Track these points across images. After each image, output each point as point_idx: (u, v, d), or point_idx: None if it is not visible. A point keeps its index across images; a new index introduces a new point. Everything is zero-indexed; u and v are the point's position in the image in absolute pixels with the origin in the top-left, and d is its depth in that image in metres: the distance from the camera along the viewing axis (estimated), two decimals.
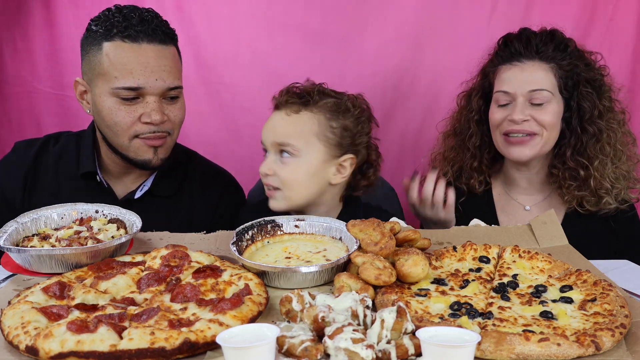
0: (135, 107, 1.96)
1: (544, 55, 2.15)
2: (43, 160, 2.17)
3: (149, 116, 1.95)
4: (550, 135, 2.16)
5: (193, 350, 1.21)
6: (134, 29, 1.91)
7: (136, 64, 1.91)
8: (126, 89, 1.92)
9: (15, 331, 1.24)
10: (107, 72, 1.93)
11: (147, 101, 1.96)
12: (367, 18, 3.03)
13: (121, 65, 1.91)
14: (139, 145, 2.01)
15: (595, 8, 3.02)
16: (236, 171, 2.49)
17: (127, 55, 1.91)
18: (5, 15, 2.95)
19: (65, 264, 1.59)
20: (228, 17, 3.02)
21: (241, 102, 3.05)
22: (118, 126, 1.97)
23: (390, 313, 1.22)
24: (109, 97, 1.95)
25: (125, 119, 1.96)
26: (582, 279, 1.51)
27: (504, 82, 2.17)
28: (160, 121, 1.97)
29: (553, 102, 2.14)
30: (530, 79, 2.13)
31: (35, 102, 3.05)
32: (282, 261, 1.64)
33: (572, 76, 2.15)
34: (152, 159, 2.04)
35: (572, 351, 1.19)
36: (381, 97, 3.12)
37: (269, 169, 2.03)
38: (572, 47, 2.19)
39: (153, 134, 1.99)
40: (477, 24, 3.03)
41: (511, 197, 2.32)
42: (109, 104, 1.95)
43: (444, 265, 1.63)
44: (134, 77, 1.92)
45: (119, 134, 1.99)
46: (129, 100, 1.94)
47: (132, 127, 1.97)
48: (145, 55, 1.92)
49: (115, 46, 1.92)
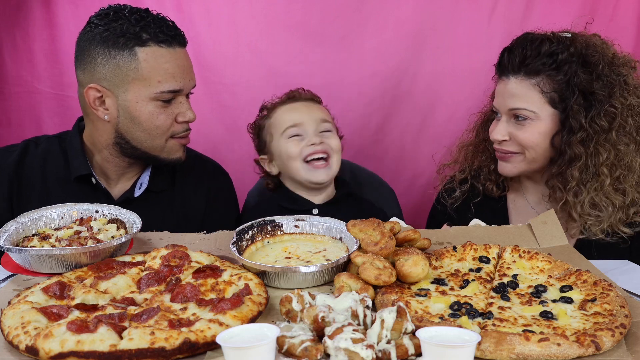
0: (171, 109, 2.03)
1: (530, 68, 1.98)
2: (27, 165, 2.12)
3: (184, 115, 2.05)
4: (537, 154, 2.03)
5: (193, 350, 1.21)
6: (167, 34, 1.99)
7: (176, 68, 2.00)
8: (169, 92, 1.99)
9: (15, 331, 1.25)
10: (147, 77, 1.96)
11: (179, 101, 2.04)
12: (367, 18, 3.03)
13: (163, 70, 1.97)
14: (172, 145, 2.08)
15: (595, 8, 3.02)
16: (236, 171, 2.50)
17: (167, 60, 1.98)
18: (5, 15, 2.94)
19: (65, 264, 1.59)
20: (228, 17, 3.02)
21: (241, 102, 3.06)
22: (159, 129, 2.02)
23: (390, 313, 1.22)
24: (149, 101, 1.98)
25: (165, 122, 2.02)
26: (582, 279, 1.51)
27: (495, 97, 2.10)
28: (195, 118, 2.08)
29: (537, 121, 1.99)
30: (512, 96, 2.01)
31: (35, 102, 3.05)
32: (282, 261, 1.64)
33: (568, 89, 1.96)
34: (182, 156, 2.13)
35: (572, 351, 1.19)
36: (381, 97, 3.12)
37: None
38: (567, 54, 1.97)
39: (186, 132, 2.09)
40: (477, 24, 3.03)
41: (528, 203, 2.21)
42: (149, 108, 1.99)
43: (444, 265, 1.63)
44: (176, 80, 2.00)
45: (157, 137, 2.04)
46: (167, 102, 2.01)
47: (170, 129, 2.05)
48: (180, 59, 2.03)
49: (153, 52, 1.96)
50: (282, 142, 2.24)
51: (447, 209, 2.29)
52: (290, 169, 2.25)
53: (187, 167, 2.27)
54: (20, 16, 2.96)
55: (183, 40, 2.05)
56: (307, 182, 2.24)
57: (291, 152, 2.21)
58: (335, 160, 2.24)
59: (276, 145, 2.27)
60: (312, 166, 2.21)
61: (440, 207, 2.33)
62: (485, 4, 3.02)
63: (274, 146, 2.28)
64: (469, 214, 2.17)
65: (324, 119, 2.26)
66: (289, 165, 2.24)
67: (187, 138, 2.12)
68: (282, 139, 2.24)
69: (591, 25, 3.03)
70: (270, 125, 2.30)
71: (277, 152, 2.28)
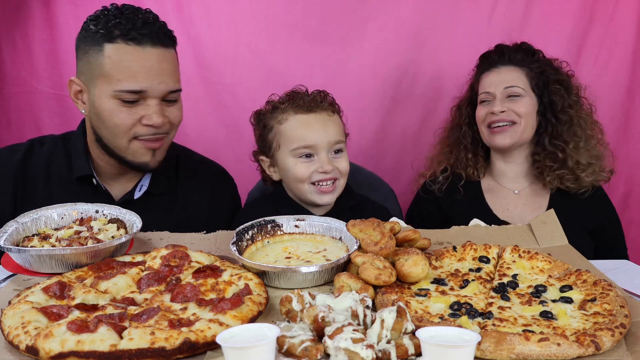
0: (137, 109, 1.95)
1: (515, 61, 2.53)
2: (31, 165, 2.13)
3: (150, 119, 1.95)
4: (527, 124, 2.48)
5: (193, 350, 1.21)
6: (138, 31, 1.90)
7: (140, 68, 1.91)
8: (129, 92, 1.92)
9: (16, 331, 1.25)
10: (109, 74, 1.92)
11: (148, 104, 1.95)
12: (367, 18, 3.03)
13: (125, 68, 1.90)
14: (137, 147, 2.01)
15: (595, 8, 3.02)
16: (236, 171, 2.49)
17: (131, 58, 1.90)
18: (5, 15, 2.94)
19: (65, 264, 1.59)
20: (228, 17, 3.02)
21: (241, 102, 3.05)
22: (118, 128, 1.96)
23: (390, 313, 1.22)
24: (110, 99, 1.93)
25: (125, 121, 1.95)
26: (582, 279, 1.51)
27: (485, 85, 2.55)
28: (162, 124, 1.97)
29: (526, 97, 2.48)
30: (506, 79, 2.51)
31: (35, 102, 3.05)
32: (282, 261, 1.64)
33: (542, 77, 2.50)
34: (150, 162, 2.04)
35: (572, 351, 1.19)
36: (381, 97, 3.12)
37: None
38: (540, 56, 2.57)
39: (153, 135, 1.99)
40: (477, 24, 3.03)
41: (500, 185, 2.62)
42: (109, 105, 1.94)
43: (444, 265, 1.63)
44: (137, 80, 1.91)
45: (118, 136, 1.98)
46: (130, 103, 1.94)
47: (132, 129, 1.97)
48: (149, 59, 1.92)
49: (118, 48, 1.91)
50: (290, 159, 2.14)
51: (434, 194, 2.61)
52: (295, 188, 2.19)
53: (192, 171, 2.26)
54: (20, 16, 2.96)
55: (161, 40, 1.95)
56: (310, 203, 2.19)
57: (300, 175, 2.13)
58: (342, 183, 2.19)
59: (283, 158, 2.17)
60: (318, 190, 2.14)
61: (427, 195, 2.64)
62: (485, 4, 3.02)
63: (280, 157, 2.18)
64: (457, 195, 2.57)
65: (339, 139, 2.16)
66: (294, 184, 2.18)
67: (156, 142, 2.01)
68: (290, 156, 2.14)
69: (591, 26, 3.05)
70: (280, 134, 2.17)
71: (283, 164, 2.18)
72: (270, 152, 2.23)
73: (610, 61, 3.07)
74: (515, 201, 2.55)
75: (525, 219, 2.39)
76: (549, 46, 2.65)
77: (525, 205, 2.53)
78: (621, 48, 3.05)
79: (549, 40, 2.98)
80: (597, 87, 2.97)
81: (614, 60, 3.07)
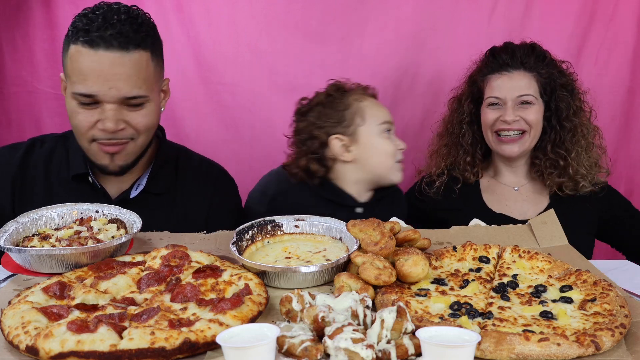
0: (94, 112, 1.93)
1: (527, 65, 2.48)
2: (31, 163, 2.13)
3: (103, 123, 1.92)
4: (536, 133, 2.49)
5: (193, 350, 1.21)
6: (92, 34, 1.86)
7: (90, 72, 1.87)
8: (81, 95, 1.91)
9: (16, 331, 1.25)
10: (69, 75, 1.93)
11: (104, 107, 1.91)
12: (367, 18, 3.02)
13: (78, 70, 1.88)
14: (96, 150, 2.00)
15: (595, 8, 3.01)
16: (236, 171, 2.49)
17: (84, 61, 1.87)
18: (5, 15, 2.94)
19: (65, 264, 1.59)
20: (228, 17, 3.02)
21: (241, 102, 3.05)
22: (77, 128, 1.97)
23: (390, 313, 1.22)
24: (71, 99, 1.94)
25: (82, 122, 1.94)
26: (582, 279, 1.51)
27: (495, 89, 2.50)
28: (114, 129, 1.93)
29: (536, 105, 2.47)
30: (519, 86, 2.47)
31: (35, 102, 3.05)
32: (282, 261, 1.64)
33: (550, 82, 2.49)
34: (109, 165, 2.02)
35: (572, 351, 1.19)
36: (381, 97, 3.09)
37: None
38: (549, 58, 2.53)
39: (109, 140, 1.96)
40: (477, 24, 3.03)
41: (499, 182, 2.62)
42: (71, 105, 1.95)
43: (444, 265, 1.63)
44: (87, 84, 1.88)
45: (79, 136, 2.00)
46: (87, 105, 1.92)
47: (90, 131, 1.96)
48: (99, 62, 1.86)
49: (76, 51, 1.88)
50: (376, 134, 2.24)
51: (430, 197, 2.60)
52: (378, 164, 2.25)
53: (192, 171, 2.26)
54: (20, 16, 2.96)
55: (119, 44, 1.86)
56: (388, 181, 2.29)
57: (388, 149, 2.24)
58: None
59: (367, 133, 2.23)
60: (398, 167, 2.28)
61: (422, 197, 2.64)
62: (485, 4, 3.02)
63: (363, 132, 2.23)
64: (453, 195, 2.57)
65: None
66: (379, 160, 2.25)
67: (113, 147, 1.97)
68: (376, 130, 2.24)
69: (591, 26, 3.05)
70: (363, 110, 2.25)
71: (366, 140, 2.23)
72: (350, 128, 2.25)
73: (610, 61, 3.07)
74: (515, 197, 2.56)
75: (526, 214, 2.45)
76: (549, 46, 2.64)
77: (525, 200, 2.54)
78: (621, 48, 3.05)
79: (549, 40, 2.97)
80: (597, 87, 2.97)
81: (614, 60, 3.07)
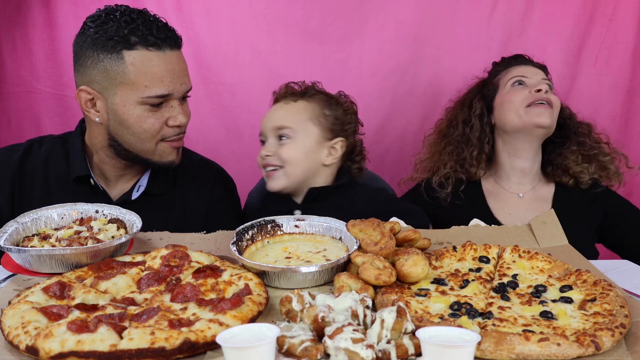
0: (161, 112, 1.99)
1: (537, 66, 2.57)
2: (29, 164, 2.13)
3: (175, 119, 2.00)
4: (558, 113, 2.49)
5: (193, 350, 1.21)
6: (157, 37, 1.93)
7: (165, 72, 1.95)
8: (157, 97, 1.95)
9: (16, 331, 1.25)
10: (134, 81, 1.92)
11: (171, 105, 2.00)
12: (367, 18, 3.03)
13: (151, 74, 1.93)
14: (164, 148, 2.05)
15: (595, 8, 3.02)
16: (236, 171, 2.49)
17: (157, 63, 1.93)
18: (5, 15, 2.94)
19: (65, 264, 1.59)
20: (228, 17, 3.02)
21: (241, 102, 3.06)
22: (147, 133, 1.99)
23: (390, 313, 1.22)
24: (137, 105, 1.95)
25: (154, 125, 1.99)
26: (582, 279, 1.51)
27: (519, 72, 2.53)
28: (187, 122, 2.05)
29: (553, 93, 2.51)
30: (540, 72, 2.53)
31: (34, 102, 3.05)
32: (282, 261, 1.64)
33: None
34: (175, 159, 2.10)
35: (572, 351, 1.19)
36: (381, 97, 3.12)
37: (269, 151, 2.23)
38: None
39: (177, 135, 2.05)
40: (477, 23, 3.03)
41: (503, 188, 2.59)
42: (137, 112, 1.96)
43: (444, 265, 1.63)
44: (164, 85, 1.95)
45: (146, 140, 2.01)
46: (156, 107, 1.98)
47: (160, 132, 2.01)
48: (170, 62, 1.96)
49: (141, 55, 1.92)
50: None
51: (439, 201, 2.54)
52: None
53: (191, 171, 2.26)
54: (20, 16, 2.96)
55: (175, 42, 2.00)
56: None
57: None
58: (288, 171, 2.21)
59: None
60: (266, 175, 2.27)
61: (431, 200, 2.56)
62: (485, 4, 3.02)
63: None
64: (458, 201, 2.53)
65: (282, 125, 2.21)
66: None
67: (180, 141, 2.08)
68: None
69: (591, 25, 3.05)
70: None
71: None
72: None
73: (610, 61, 3.07)
74: (519, 205, 2.53)
75: None
76: (549, 46, 2.66)
77: (527, 210, 2.50)
78: (621, 48, 3.05)
79: (549, 40, 2.98)
80: (597, 87, 2.97)
81: (614, 60, 3.07)
